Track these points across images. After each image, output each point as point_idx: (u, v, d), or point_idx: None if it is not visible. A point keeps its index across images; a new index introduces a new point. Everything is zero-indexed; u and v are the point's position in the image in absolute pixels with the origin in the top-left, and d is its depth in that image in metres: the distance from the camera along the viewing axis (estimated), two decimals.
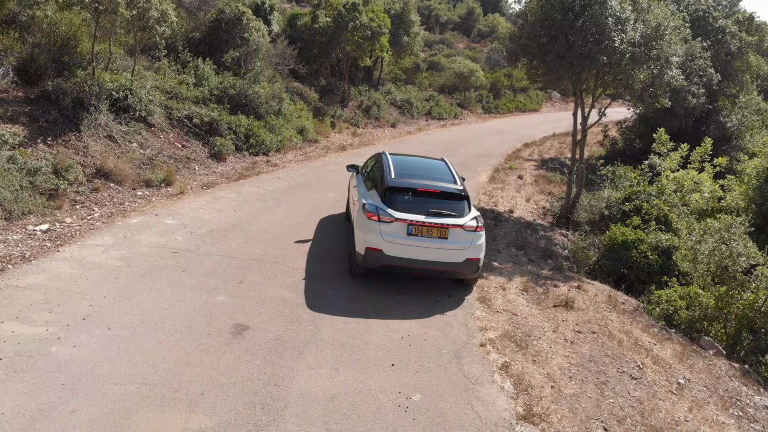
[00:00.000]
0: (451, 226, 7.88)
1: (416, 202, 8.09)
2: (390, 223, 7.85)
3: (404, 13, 28.73)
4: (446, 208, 8.10)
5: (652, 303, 10.06)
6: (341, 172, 15.09)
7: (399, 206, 8.04)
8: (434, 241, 7.83)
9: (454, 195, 8.30)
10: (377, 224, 7.87)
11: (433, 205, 8.07)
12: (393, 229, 7.83)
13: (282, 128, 17.10)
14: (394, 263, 7.87)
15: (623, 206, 11.96)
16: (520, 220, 12.56)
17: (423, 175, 8.81)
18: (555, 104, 44.99)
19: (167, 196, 11.51)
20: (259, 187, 12.62)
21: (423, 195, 8.18)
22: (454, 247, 7.87)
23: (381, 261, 7.87)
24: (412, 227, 7.83)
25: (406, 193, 8.19)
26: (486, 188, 14.99)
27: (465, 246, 7.91)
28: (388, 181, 8.36)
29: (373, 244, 7.84)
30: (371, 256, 7.89)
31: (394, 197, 8.16)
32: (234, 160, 14.87)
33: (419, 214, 7.93)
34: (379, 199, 8.27)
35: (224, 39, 18.62)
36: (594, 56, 10.73)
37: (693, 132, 19.59)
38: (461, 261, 7.91)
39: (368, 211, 8.02)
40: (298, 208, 11.34)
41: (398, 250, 7.79)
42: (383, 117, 25.08)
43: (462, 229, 7.93)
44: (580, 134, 12.78)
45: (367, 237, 7.90)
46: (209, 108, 15.69)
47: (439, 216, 7.95)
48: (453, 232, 7.88)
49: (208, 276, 7.81)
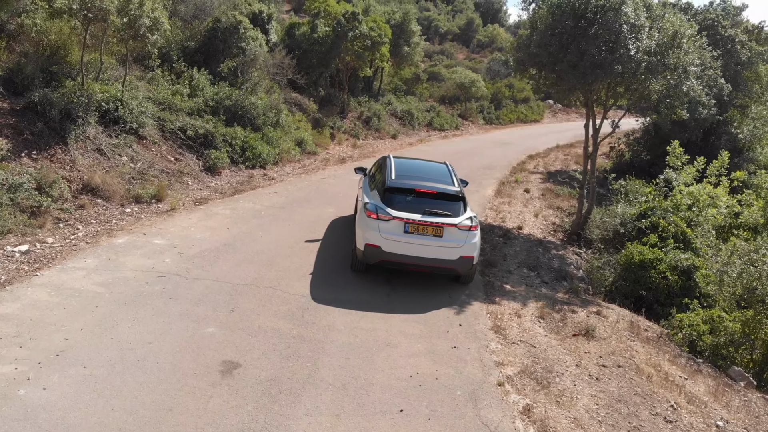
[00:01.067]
0: (446, 225, 8.30)
1: (414, 202, 8.55)
2: (388, 221, 8.30)
3: (405, 23, 28.26)
4: (442, 207, 8.52)
5: (674, 328, 9.43)
6: (341, 185, 14.48)
7: (397, 205, 8.49)
8: (429, 239, 8.27)
9: (450, 196, 8.72)
10: (376, 222, 8.32)
11: (430, 205, 8.49)
12: (391, 227, 8.28)
13: (280, 140, 16.50)
14: (392, 259, 8.30)
15: (639, 223, 11.33)
16: (530, 237, 11.93)
17: (422, 177, 9.27)
18: (556, 115, 44.52)
19: (157, 213, 10.88)
20: (255, 203, 11.98)
21: (421, 195, 8.62)
22: (449, 245, 8.28)
23: (379, 257, 8.32)
24: (409, 225, 8.28)
25: (404, 194, 8.64)
26: (492, 203, 14.37)
27: (459, 244, 8.31)
28: (388, 181, 8.84)
29: (372, 240, 8.28)
30: (370, 252, 8.33)
31: (393, 197, 8.62)
32: (229, 174, 14.25)
33: (416, 213, 8.36)
34: (379, 198, 8.73)
35: (220, 48, 18.06)
36: (608, 65, 10.16)
37: (702, 144, 19.04)
38: (455, 258, 8.31)
39: (368, 210, 8.50)
40: (295, 226, 10.70)
41: (395, 247, 8.23)
42: (384, 128, 24.52)
43: (456, 228, 8.34)
44: (591, 147, 12.18)
45: (367, 234, 8.35)
46: (204, 119, 15.10)
47: (435, 215, 8.37)
48: (448, 230, 8.30)
49: (197, 304, 7.15)
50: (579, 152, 25.20)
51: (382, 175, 9.29)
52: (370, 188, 9.48)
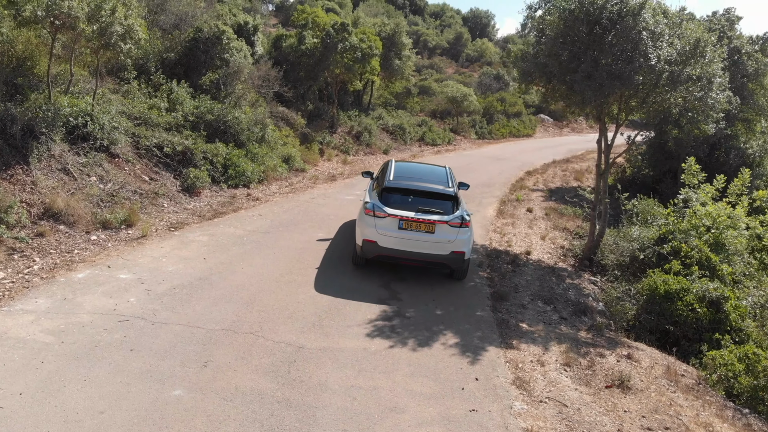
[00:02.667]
0: (438, 222, 8.80)
1: (409, 201, 9.11)
2: (384, 218, 8.84)
3: (395, 36, 27.40)
4: (435, 206, 9.05)
5: (707, 368, 8.41)
6: (332, 206, 13.39)
7: (394, 204, 9.04)
8: (422, 235, 8.80)
9: (443, 195, 9.25)
10: (373, 219, 8.87)
11: (423, 204, 9.05)
12: (386, 224, 8.82)
13: (265, 157, 15.40)
14: (387, 254, 8.85)
15: (661, 249, 10.34)
16: (540, 263, 10.89)
17: (419, 178, 9.88)
18: (548, 129, 43.89)
19: (126, 240, 9.70)
20: (237, 227, 10.83)
21: (415, 194, 9.19)
22: (440, 241, 8.79)
23: (376, 251, 8.88)
24: (403, 222, 8.80)
25: (400, 193, 9.20)
26: (495, 224, 13.33)
27: (450, 240, 8.80)
28: (386, 182, 9.43)
29: (369, 236, 8.84)
30: (367, 247, 8.89)
31: (389, 196, 9.17)
32: (209, 195, 13.10)
33: (410, 210, 8.92)
34: (377, 198, 9.24)
35: (202, 60, 17.00)
36: (627, 76, 9.21)
37: (707, 159, 18.23)
38: (447, 254, 8.81)
39: (367, 208, 9.04)
40: (281, 254, 9.57)
41: (390, 242, 8.77)
42: (375, 143, 23.51)
43: (448, 225, 8.83)
44: (603, 164, 11.23)
45: (365, 230, 8.91)
46: (183, 135, 13.96)
47: (428, 213, 8.91)
48: (439, 227, 8.81)
49: (163, 357, 5.99)
50: (577, 168, 24.37)
51: (383, 177, 9.88)
52: (373, 189, 10.01)
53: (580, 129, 47.08)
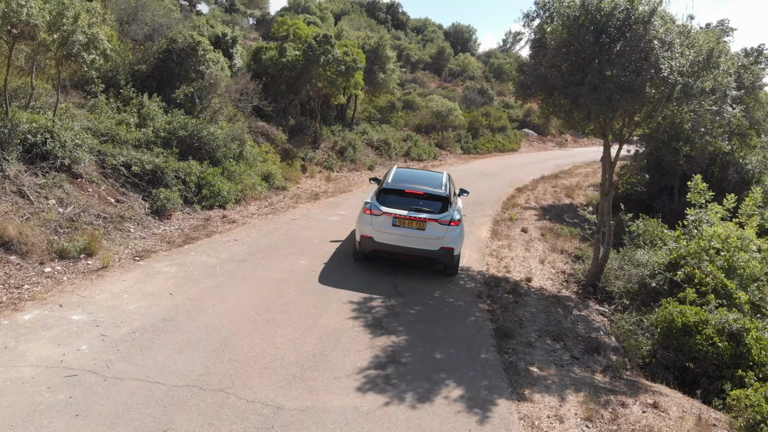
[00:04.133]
0: (428, 220, 9.64)
1: (403, 201, 9.94)
2: (379, 215, 9.72)
3: (379, 49, 26.66)
4: (426, 206, 9.88)
5: (732, 409, 7.58)
6: (315, 228, 12.43)
7: (389, 204, 9.90)
8: (414, 231, 9.64)
9: (434, 196, 10.05)
10: (370, 217, 9.76)
11: (416, 204, 9.89)
12: (381, 221, 9.69)
13: (243, 175, 14.41)
14: (382, 248, 9.71)
15: (674, 275, 9.53)
16: (543, 292, 10.03)
17: (415, 182, 10.64)
18: (533, 143, 43.48)
19: (84, 272, 8.64)
20: (209, 255, 9.81)
21: (409, 195, 10.03)
22: (430, 237, 9.60)
23: (372, 246, 9.74)
24: (396, 219, 9.66)
25: (396, 194, 10.05)
26: (490, 246, 12.47)
27: (440, 236, 9.60)
28: (384, 184, 10.41)
29: (366, 232, 9.73)
30: (365, 242, 9.77)
31: (386, 197, 10.05)
32: (181, 217, 12.06)
33: (403, 209, 9.78)
34: (376, 198, 10.10)
35: (176, 72, 16.03)
36: (638, 89, 8.45)
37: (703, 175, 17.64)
38: (437, 249, 9.60)
39: (365, 208, 9.93)
40: (258, 287, 8.56)
41: (385, 238, 9.64)
42: (359, 159, 22.64)
43: (437, 222, 9.66)
44: (608, 183, 10.46)
45: (363, 227, 9.80)
46: (153, 153, 12.94)
47: (419, 211, 9.75)
48: (429, 225, 9.64)
49: (114, 424, 4.96)
50: (567, 184, 23.74)
51: (383, 180, 10.83)
52: (375, 192, 10.62)
53: (564, 143, 46.80)
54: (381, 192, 10.15)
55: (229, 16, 40.42)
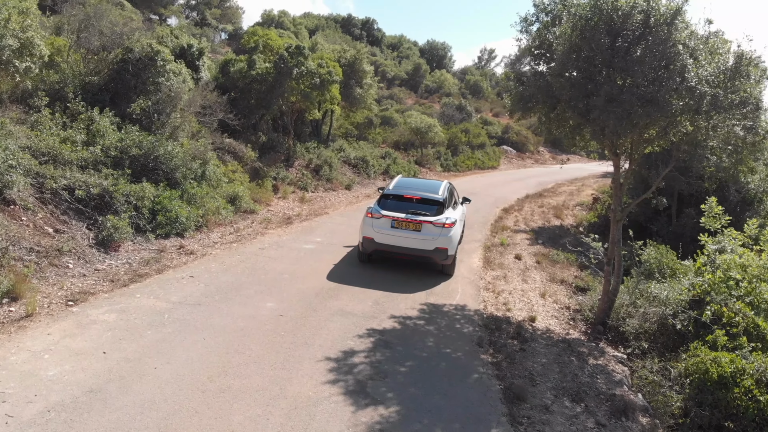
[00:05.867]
0: (423, 222, 10.35)
1: (402, 205, 10.71)
2: (379, 218, 10.50)
3: (356, 63, 25.42)
4: (423, 209, 10.63)
5: None
6: (286, 259, 10.93)
7: (389, 208, 10.68)
8: (410, 233, 10.37)
9: (431, 201, 10.81)
10: (371, 220, 10.55)
11: (413, 208, 10.66)
12: (381, 223, 10.48)
13: (205, 198, 12.87)
14: (382, 248, 10.50)
15: (700, 314, 8.29)
16: (550, 335, 8.67)
17: (414, 188, 11.47)
18: (512, 161, 42.66)
19: (3, 322, 7.02)
20: (158, 297, 8.24)
21: (407, 200, 10.80)
22: (426, 238, 10.30)
23: (373, 246, 10.55)
24: (395, 221, 10.44)
25: (395, 199, 10.86)
26: (485, 278, 11.11)
27: (434, 237, 10.28)
28: (385, 191, 11.33)
29: (368, 234, 10.54)
30: (366, 243, 10.58)
31: (386, 201, 10.88)
32: (131, 249, 10.46)
33: (402, 212, 10.54)
34: (377, 204, 10.95)
35: (132, 84, 14.45)
36: (663, 100, 7.25)
37: (698, 195, 16.65)
38: (432, 249, 10.29)
39: (368, 212, 10.74)
40: (214, 341, 7.03)
41: (384, 239, 10.40)
42: (336, 178, 21.22)
43: (432, 224, 10.35)
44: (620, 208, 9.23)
45: (365, 229, 10.62)
46: (101, 174, 11.34)
47: (416, 215, 10.48)
48: (425, 226, 10.34)
49: None
50: (553, 203, 22.65)
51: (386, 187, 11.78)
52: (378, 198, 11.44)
53: (543, 160, 46.17)
54: (382, 197, 11.09)
55: (200, 30, 38.93)
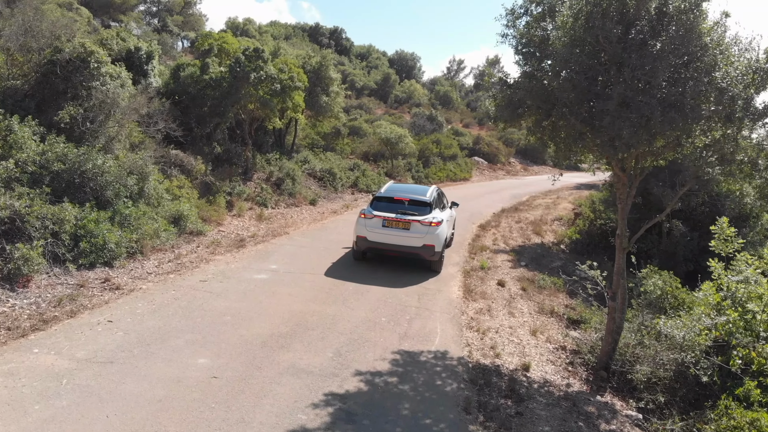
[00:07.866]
0: (412, 221, 11.48)
1: (393, 207, 11.91)
2: (371, 218, 11.69)
3: (322, 69, 23.88)
4: (412, 210, 11.80)
5: None
6: (232, 295, 9.22)
7: (381, 209, 11.87)
8: (400, 231, 11.53)
9: (419, 202, 11.99)
10: (364, 220, 11.75)
11: (403, 208, 11.84)
12: (373, 223, 11.65)
13: (142, 219, 11.09)
14: (374, 246, 11.68)
15: (725, 361, 6.94)
16: (549, 388, 7.19)
17: (404, 192, 12.72)
18: (483, 172, 41.58)
19: None
20: (62, 353, 6.48)
21: (397, 202, 11.99)
22: (414, 235, 11.44)
23: (366, 245, 11.73)
24: (385, 221, 11.60)
25: (386, 201, 12.06)
26: (467, 312, 9.59)
27: (422, 235, 11.41)
28: (377, 194, 12.57)
29: (361, 233, 11.73)
30: (360, 241, 11.76)
31: (378, 203, 12.09)
32: (45, 283, 8.65)
33: (392, 213, 11.73)
34: (369, 206, 12.16)
35: (61, 89, 12.61)
36: (690, 105, 5.89)
37: (689, 211, 15.59)
38: (420, 246, 11.41)
39: (361, 213, 11.98)
40: (120, 419, 5.31)
41: (376, 237, 11.58)
42: (300, 192, 19.56)
43: (420, 223, 11.45)
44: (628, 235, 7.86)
45: (358, 229, 11.82)
46: (13, 194, 9.51)
47: (405, 214, 11.65)
48: (413, 225, 11.46)
49: None
50: (531, 218, 21.41)
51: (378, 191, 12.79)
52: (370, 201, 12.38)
53: (515, 172, 45.28)
54: (375, 200, 12.14)
55: (157, 35, 36.88)
